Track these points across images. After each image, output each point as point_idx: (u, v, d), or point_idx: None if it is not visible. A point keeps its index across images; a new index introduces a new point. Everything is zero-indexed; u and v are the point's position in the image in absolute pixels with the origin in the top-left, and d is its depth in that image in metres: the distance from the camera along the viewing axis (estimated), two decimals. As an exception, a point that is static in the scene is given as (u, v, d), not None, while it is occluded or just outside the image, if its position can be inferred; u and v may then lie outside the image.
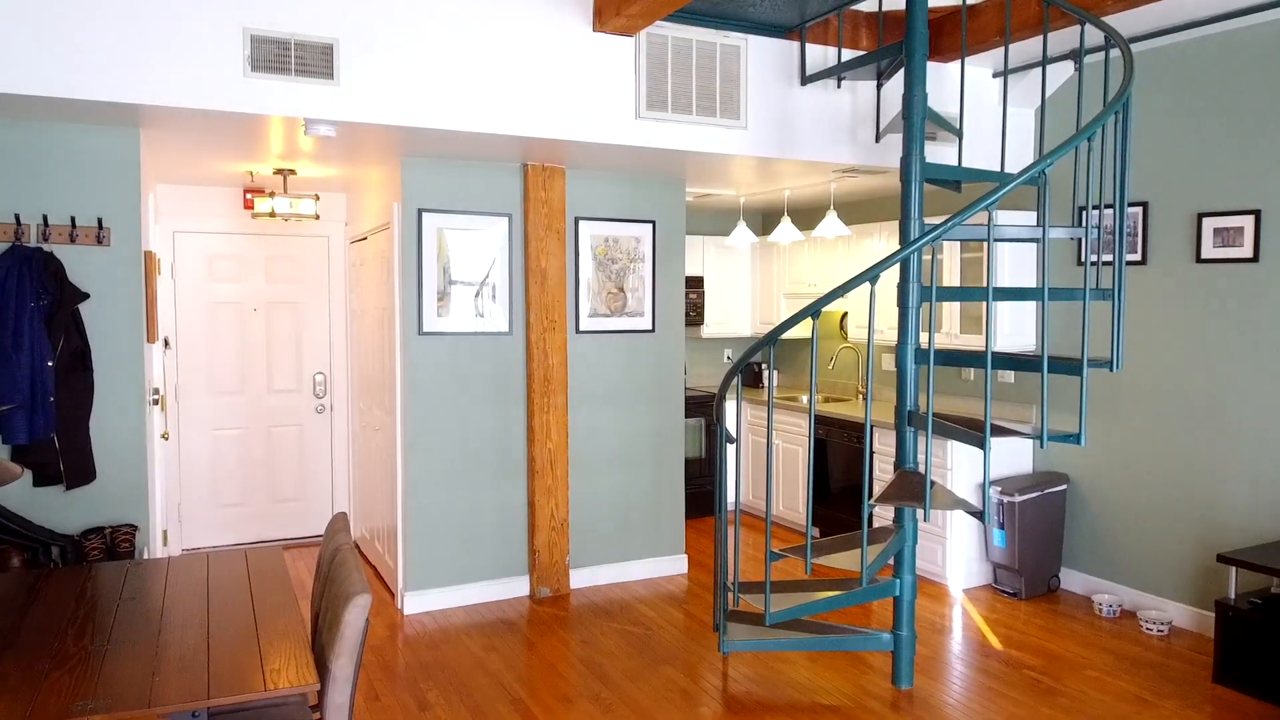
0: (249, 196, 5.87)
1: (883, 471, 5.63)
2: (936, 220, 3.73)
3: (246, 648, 2.47)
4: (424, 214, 4.82)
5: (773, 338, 3.66)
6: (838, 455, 6.14)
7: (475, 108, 3.99)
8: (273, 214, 5.41)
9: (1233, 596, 4.00)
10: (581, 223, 5.22)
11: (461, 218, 4.91)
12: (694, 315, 7.09)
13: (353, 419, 6.29)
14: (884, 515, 5.56)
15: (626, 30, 4.17)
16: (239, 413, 6.16)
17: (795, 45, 4.65)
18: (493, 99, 4.02)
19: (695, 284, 7.13)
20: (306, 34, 3.65)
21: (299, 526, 6.36)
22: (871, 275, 3.48)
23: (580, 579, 5.31)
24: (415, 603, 4.92)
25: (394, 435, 5.02)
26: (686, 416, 6.43)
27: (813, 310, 3.58)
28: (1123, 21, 4.35)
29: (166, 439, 5.50)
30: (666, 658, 4.29)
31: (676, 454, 5.60)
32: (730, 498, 6.76)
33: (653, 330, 5.46)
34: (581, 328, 5.25)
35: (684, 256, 5.56)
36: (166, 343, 5.88)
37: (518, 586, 5.16)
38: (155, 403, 4.62)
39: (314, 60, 3.65)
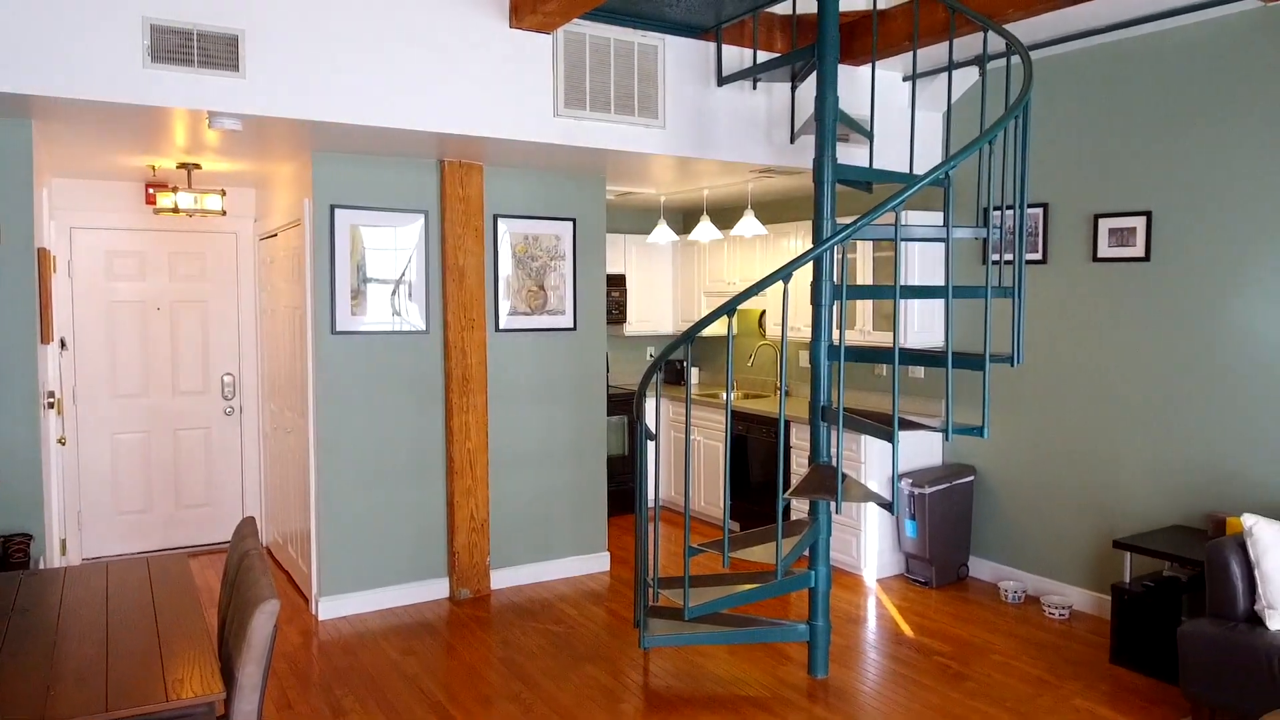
0: (151, 191, 5.65)
1: (799, 466, 5.74)
2: (849, 220, 3.82)
3: (148, 658, 2.39)
4: (337, 210, 4.71)
5: (690, 335, 3.70)
6: (756, 450, 6.23)
7: (388, 102, 3.92)
8: (176, 209, 5.22)
9: (1127, 580, 4.21)
10: (500, 220, 5.18)
11: (376, 214, 4.82)
12: (616, 313, 7.11)
13: (263, 421, 6.12)
14: (802, 509, 5.67)
15: (544, 27, 4.16)
16: (142, 416, 5.93)
17: (712, 46, 4.70)
18: (406, 93, 3.96)
19: (617, 282, 7.14)
20: (210, 24, 3.53)
21: (207, 533, 6.15)
22: (785, 274, 3.55)
23: (501, 579, 5.27)
24: (330, 608, 4.81)
25: (307, 437, 4.90)
26: (609, 414, 6.44)
27: (728, 308, 3.63)
28: (1024, 29, 4.52)
29: (64, 444, 5.26)
30: (588, 655, 4.29)
31: (599, 452, 5.61)
32: (650, 494, 6.79)
33: (574, 328, 5.45)
34: (501, 326, 5.21)
35: (605, 254, 5.57)
36: (63, 344, 5.62)
37: (437, 589, 5.09)
38: (51, 406, 4.42)
39: (218, 51, 3.54)
